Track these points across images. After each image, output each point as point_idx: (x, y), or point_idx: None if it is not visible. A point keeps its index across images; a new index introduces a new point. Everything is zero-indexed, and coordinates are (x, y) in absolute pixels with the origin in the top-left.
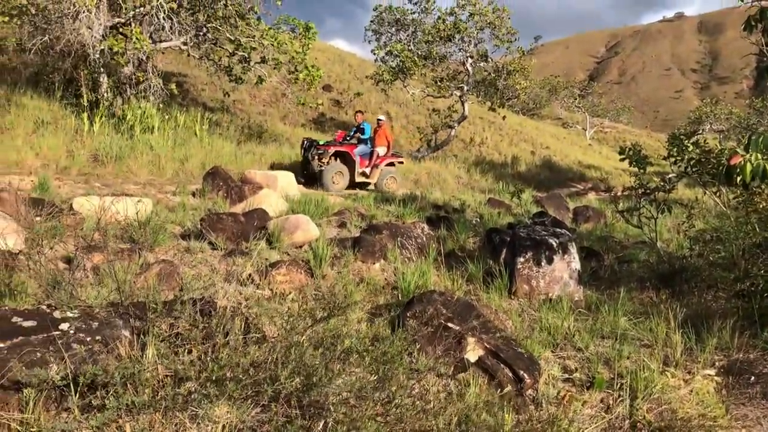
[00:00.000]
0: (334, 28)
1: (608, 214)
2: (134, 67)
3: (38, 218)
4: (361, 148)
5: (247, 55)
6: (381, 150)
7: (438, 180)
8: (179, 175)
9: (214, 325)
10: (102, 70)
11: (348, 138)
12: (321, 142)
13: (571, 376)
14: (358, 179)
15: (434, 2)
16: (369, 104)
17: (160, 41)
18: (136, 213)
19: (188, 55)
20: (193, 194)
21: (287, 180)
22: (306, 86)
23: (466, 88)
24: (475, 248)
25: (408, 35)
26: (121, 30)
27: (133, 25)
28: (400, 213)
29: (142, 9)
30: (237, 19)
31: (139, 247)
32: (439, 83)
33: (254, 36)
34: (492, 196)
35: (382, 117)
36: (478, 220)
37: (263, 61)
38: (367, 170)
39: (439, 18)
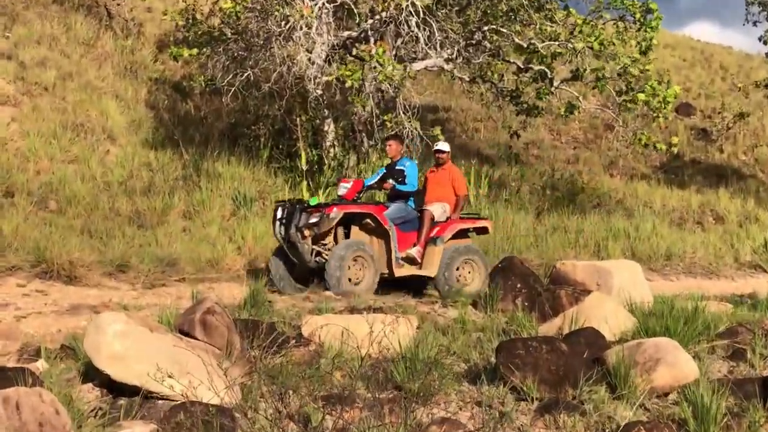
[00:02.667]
0: (689, 7)
1: None
2: (375, 106)
3: (254, 352)
4: (397, 208)
5: (546, 69)
6: (438, 209)
7: None
8: None
9: None
10: (326, 113)
11: (364, 190)
12: (312, 202)
13: None
14: (399, 271)
15: None
16: (762, 132)
17: (412, 61)
18: (397, 339)
19: (452, 77)
20: (475, 304)
21: (629, 274)
22: (652, 114)
23: None
24: None
25: None
26: (353, 51)
27: (371, 40)
28: None
29: (384, 15)
30: (530, 13)
31: (405, 396)
32: None
33: (559, 36)
34: None
35: (443, 145)
36: None
37: (575, 77)
38: (415, 251)
39: None
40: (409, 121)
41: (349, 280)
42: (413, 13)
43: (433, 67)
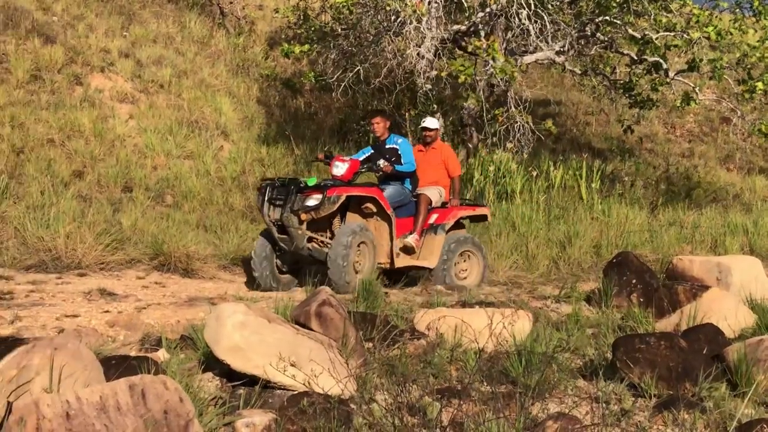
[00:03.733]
0: None
1: None
2: (485, 100)
3: (369, 344)
4: (395, 191)
5: (660, 60)
6: (434, 193)
7: None
8: (558, 267)
9: None
10: (435, 108)
11: (361, 170)
12: (310, 182)
13: None
14: (398, 261)
15: None
16: None
17: (522, 54)
18: (511, 334)
19: (563, 70)
20: (588, 299)
21: (749, 270)
22: None
23: None
24: None
25: None
26: (463, 45)
27: (481, 34)
28: None
29: (494, 7)
30: (645, 3)
31: (519, 390)
32: None
33: (674, 26)
34: None
35: (431, 122)
36: None
37: (691, 68)
38: (412, 239)
39: None
40: (521, 115)
41: (356, 269)
42: (524, 5)
43: (544, 60)
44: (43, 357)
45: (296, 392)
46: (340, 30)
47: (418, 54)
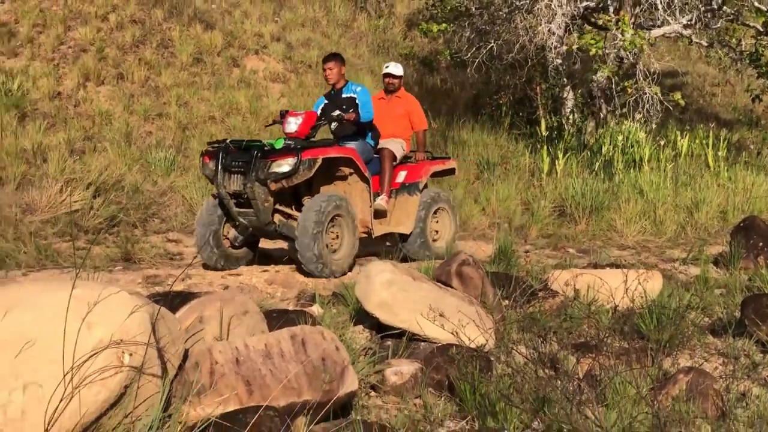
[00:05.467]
0: None
1: None
2: (613, 74)
3: (506, 302)
4: (361, 148)
5: None
6: (396, 146)
7: None
8: (686, 231)
9: None
10: (565, 81)
11: (320, 123)
12: (277, 144)
13: None
14: (378, 228)
15: None
16: None
17: (650, 28)
18: (642, 294)
19: (690, 43)
20: (716, 262)
21: None
22: None
23: None
24: None
25: None
26: (592, 20)
27: (610, 9)
28: None
29: None
30: None
31: (651, 346)
32: None
33: None
34: None
35: (395, 68)
36: None
37: None
38: (383, 201)
39: None
40: (649, 87)
41: (330, 249)
42: None
43: (671, 33)
44: (213, 309)
45: (440, 344)
46: (474, 9)
47: (549, 30)
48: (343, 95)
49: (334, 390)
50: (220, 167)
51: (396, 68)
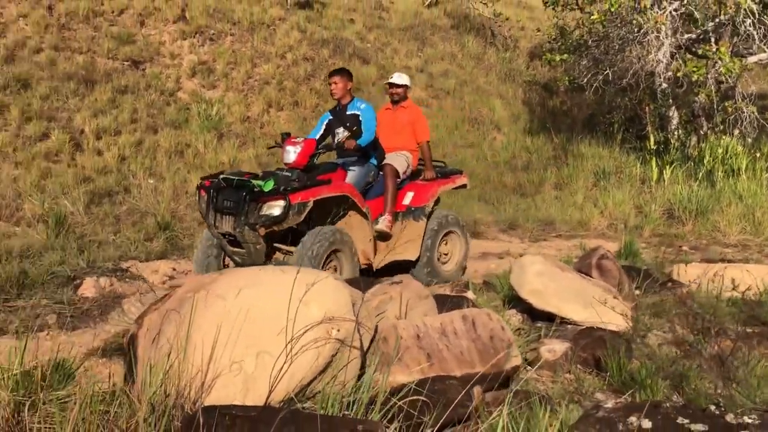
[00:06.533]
0: None
1: None
2: (710, 96)
3: (637, 291)
4: (362, 173)
5: None
6: (400, 161)
7: None
8: None
9: None
10: (671, 102)
11: (319, 152)
12: (266, 187)
13: None
14: (380, 259)
15: None
16: None
17: (747, 55)
18: (756, 284)
19: None
20: None
21: None
22: None
23: None
24: None
25: None
26: (693, 49)
27: (712, 40)
28: None
29: (723, 17)
30: None
31: None
32: None
33: None
34: None
35: (399, 77)
36: None
37: None
38: (384, 223)
39: None
40: (747, 106)
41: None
42: (749, 14)
43: (766, 60)
44: (394, 292)
45: (584, 326)
46: (590, 42)
47: (656, 59)
48: (348, 112)
49: (501, 363)
50: (211, 207)
51: (399, 78)
